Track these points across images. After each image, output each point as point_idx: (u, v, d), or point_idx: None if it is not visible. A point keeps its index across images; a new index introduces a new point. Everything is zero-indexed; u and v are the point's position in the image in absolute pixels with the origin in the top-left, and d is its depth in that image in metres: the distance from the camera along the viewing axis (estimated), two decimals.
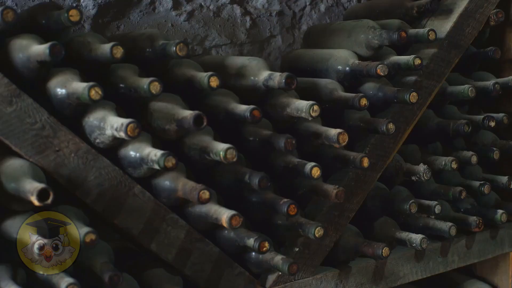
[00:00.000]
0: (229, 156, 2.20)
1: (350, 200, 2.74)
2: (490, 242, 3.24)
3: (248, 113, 2.30)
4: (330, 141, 2.48)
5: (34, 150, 2.16)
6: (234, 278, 2.52)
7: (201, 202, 2.18)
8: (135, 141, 2.22)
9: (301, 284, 2.67)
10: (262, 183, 2.31)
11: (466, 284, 3.45)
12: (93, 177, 2.23)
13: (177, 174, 2.30)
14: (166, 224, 2.36)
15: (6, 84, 2.10)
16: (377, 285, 2.88)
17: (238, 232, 2.41)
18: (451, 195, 3.00)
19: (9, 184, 2.11)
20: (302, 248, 2.65)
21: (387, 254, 2.69)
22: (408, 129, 2.89)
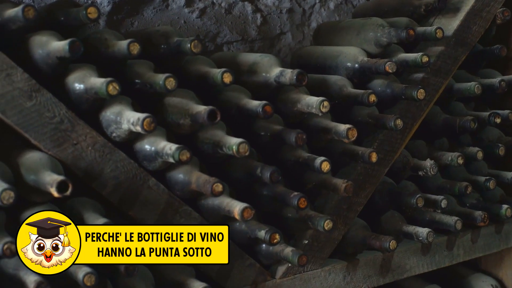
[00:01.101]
0: (242, 150, 2.25)
1: (359, 194, 2.79)
2: (495, 236, 3.28)
3: (260, 109, 2.35)
4: (339, 136, 2.53)
5: (52, 143, 2.22)
6: (245, 269, 2.58)
7: (214, 195, 2.24)
8: (150, 135, 2.28)
9: (310, 275, 2.72)
10: (273, 176, 2.37)
11: (471, 277, 3.50)
12: (109, 170, 2.29)
13: (191, 167, 2.36)
14: (180, 216, 2.42)
15: (26, 79, 2.17)
16: (384, 278, 2.94)
17: (249, 224, 2.47)
18: (457, 190, 3.05)
19: (28, 176, 2.17)
20: (311, 240, 2.71)
21: (394, 247, 2.74)
22: (415, 125, 2.93)
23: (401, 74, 2.91)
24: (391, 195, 2.95)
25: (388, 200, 2.95)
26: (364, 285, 2.88)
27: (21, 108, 2.17)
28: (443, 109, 3.19)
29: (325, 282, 2.76)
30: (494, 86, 3.13)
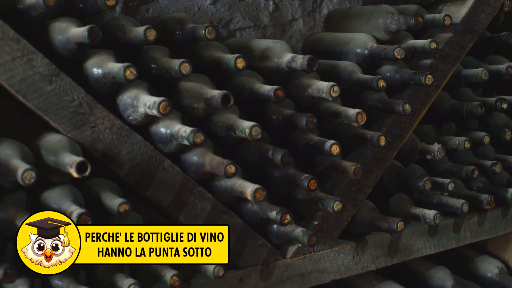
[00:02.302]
0: (254, 133, 2.31)
1: (367, 176, 2.85)
2: (502, 219, 3.34)
3: (272, 93, 2.41)
4: (349, 120, 2.58)
5: (71, 126, 2.29)
6: (256, 249, 2.64)
7: (227, 176, 2.31)
8: (166, 119, 2.35)
9: (319, 255, 2.79)
10: (285, 159, 2.43)
11: (478, 259, 3.55)
12: (126, 152, 2.36)
13: (205, 149, 2.42)
14: (194, 197, 2.49)
15: (46, 64, 2.24)
16: (392, 258, 3.00)
17: (261, 205, 2.54)
18: (464, 174, 3.11)
19: (48, 158, 2.25)
20: (321, 221, 2.77)
21: (402, 228, 2.80)
22: (423, 110, 2.98)
23: (410, 60, 2.96)
24: (399, 178, 3.01)
25: (396, 183, 3.01)
26: (372, 266, 2.94)
27: (42, 92, 2.24)
28: (451, 94, 3.24)
29: (334, 262, 2.83)
30: (501, 72, 3.18)
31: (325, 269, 2.81)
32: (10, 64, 2.20)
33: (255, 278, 2.65)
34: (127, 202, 2.21)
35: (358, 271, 2.92)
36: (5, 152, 2.21)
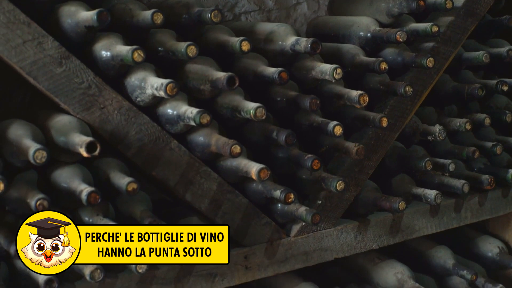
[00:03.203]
0: (259, 114, 2.37)
1: (370, 157, 2.89)
2: (502, 200, 3.38)
3: (276, 75, 2.46)
4: (351, 102, 2.63)
5: (81, 107, 2.34)
6: (261, 227, 2.70)
7: (232, 156, 2.36)
8: (172, 100, 2.41)
9: (323, 234, 2.84)
10: (289, 139, 2.48)
11: (479, 239, 3.60)
12: (134, 133, 2.42)
13: (211, 130, 2.48)
14: (200, 176, 2.54)
15: (56, 47, 2.29)
16: (393, 237, 3.05)
17: (265, 185, 2.59)
18: (465, 155, 3.15)
19: (58, 138, 2.30)
20: (324, 201, 2.82)
21: (403, 208, 2.85)
22: (425, 92, 3.02)
23: (412, 43, 3.00)
24: (401, 159, 3.06)
25: (398, 163, 3.06)
26: (375, 244, 3.00)
27: (52, 74, 2.29)
28: (453, 77, 3.29)
29: (337, 241, 2.88)
30: (502, 55, 3.22)
31: (328, 247, 2.86)
32: (21, 47, 2.25)
33: (259, 255, 2.71)
34: (135, 181, 2.26)
35: (360, 249, 2.97)
36: (16, 132, 2.27)
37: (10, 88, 2.80)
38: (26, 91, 2.78)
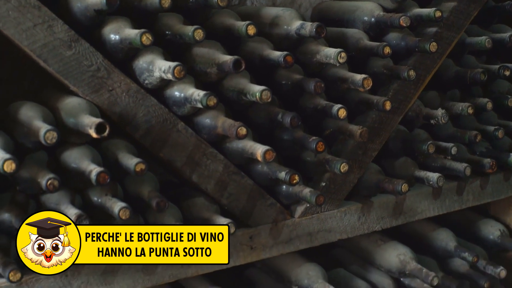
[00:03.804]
0: (264, 97, 2.41)
1: (373, 140, 2.93)
2: (504, 183, 3.42)
3: (281, 59, 2.49)
4: (355, 85, 2.66)
5: (90, 90, 2.39)
6: (266, 208, 2.74)
7: (238, 138, 2.41)
8: (180, 83, 2.45)
9: (326, 215, 2.89)
10: (294, 121, 2.52)
11: (480, 222, 3.64)
12: (142, 114, 2.46)
13: (217, 112, 2.52)
14: (206, 158, 2.58)
15: (66, 30, 2.33)
16: (396, 219, 3.09)
17: (270, 166, 2.63)
18: (467, 139, 3.19)
19: (68, 119, 2.35)
20: (328, 183, 2.86)
21: (406, 190, 2.89)
22: (428, 76, 3.05)
23: (415, 28, 3.03)
24: (404, 142, 3.10)
25: (401, 146, 3.10)
26: (378, 226, 3.04)
27: (62, 57, 2.34)
28: (456, 62, 3.32)
29: (340, 222, 2.93)
30: (504, 40, 3.25)
31: (332, 228, 2.91)
32: (32, 31, 2.30)
33: (264, 236, 2.75)
34: (143, 162, 2.30)
35: (363, 231, 3.02)
36: (27, 114, 2.32)
37: (20, 71, 2.84)
38: (35, 74, 2.82)
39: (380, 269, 3.30)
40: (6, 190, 2.37)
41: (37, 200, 2.39)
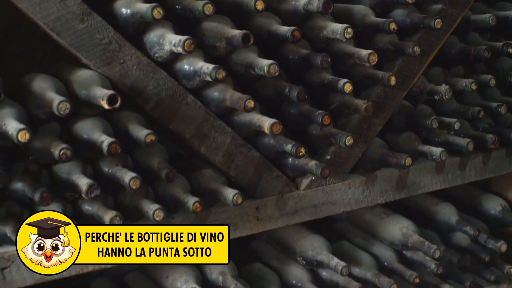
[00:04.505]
0: (272, 70, 2.45)
1: (378, 115, 2.98)
2: (505, 159, 3.47)
3: (289, 33, 2.53)
4: (361, 61, 2.70)
5: (101, 62, 2.44)
6: (272, 181, 2.80)
7: (246, 111, 2.46)
8: (189, 56, 2.49)
9: (331, 188, 2.94)
10: (300, 95, 2.57)
11: (482, 198, 3.71)
12: (152, 87, 2.51)
13: (225, 86, 2.57)
14: (214, 130, 2.64)
15: (78, 4, 2.38)
16: (399, 193, 3.15)
17: (277, 139, 2.69)
18: (470, 114, 3.23)
19: (80, 91, 2.40)
20: (333, 156, 2.91)
21: (410, 164, 2.95)
22: (432, 52, 3.08)
23: (421, 5, 3.06)
24: (408, 117, 3.14)
25: (406, 121, 3.14)
26: (381, 199, 3.10)
27: (74, 30, 2.39)
28: (460, 39, 3.34)
29: (345, 195, 2.99)
30: (508, 18, 3.29)
31: (337, 201, 2.97)
32: (45, 4, 2.34)
33: (270, 207, 2.81)
34: (153, 133, 2.36)
35: (367, 204, 3.07)
36: (40, 85, 2.37)
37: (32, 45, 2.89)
38: (46, 48, 2.87)
39: (383, 242, 3.36)
40: (19, 161, 2.42)
41: (50, 170, 2.45)
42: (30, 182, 2.35)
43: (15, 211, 2.39)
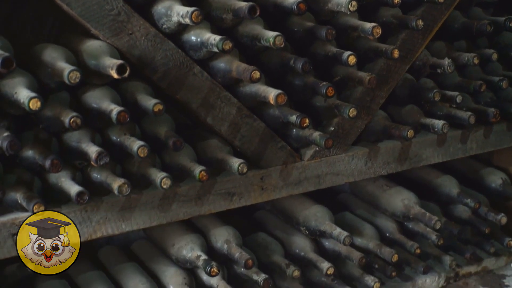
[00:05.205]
0: (278, 42, 2.49)
1: (381, 87, 3.02)
2: (506, 133, 3.51)
3: (295, 6, 2.55)
4: (365, 33, 2.74)
5: (110, 33, 2.48)
6: (277, 151, 2.85)
7: (252, 81, 2.50)
8: (196, 28, 2.54)
9: (335, 159, 2.99)
10: (305, 66, 2.61)
11: (483, 171, 3.76)
12: (160, 58, 2.56)
13: (232, 57, 2.61)
14: (220, 100, 2.69)
15: None
16: (402, 165, 3.20)
17: (282, 110, 2.73)
18: (472, 88, 3.27)
19: (89, 61, 2.45)
20: (337, 128, 2.96)
21: (412, 136, 2.99)
22: (435, 27, 3.11)
23: None
24: (411, 90, 3.18)
25: (408, 94, 3.19)
26: (384, 171, 3.15)
27: (84, 1, 2.43)
28: (463, 13, 3.38)
29: (348, 166, 3.04)
30: None
31: (340, 172, 3.02)
32: None
33: (275, 177, 2.87)
34: (161, 103, 2.41)
35: (370, 175, 3.12)
36: (51, 55, 2.42)
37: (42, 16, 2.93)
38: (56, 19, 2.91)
39: (385, 213, 3.42)
40: (29, 129, 2.47)
41: (59, 138, 2.50)
42: (41, 150, 2.40)
43: (26, 178, 2.45)
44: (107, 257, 3.11)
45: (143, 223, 2.64)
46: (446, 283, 3.47)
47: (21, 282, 2.74)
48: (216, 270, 2.74)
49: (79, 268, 2.92)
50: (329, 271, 3.00)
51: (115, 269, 2.98)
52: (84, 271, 2.93)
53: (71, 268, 2.86)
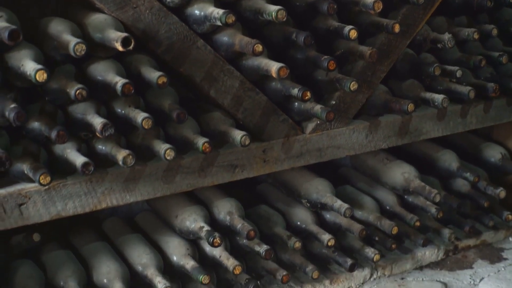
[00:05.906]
0: (280, 16, 2.51)
1: (382, 62, 3.04)
2: (506, 108, 3.54)
3: None
4: (366, 8, 2.76)
5: (115, 6, 2.51)
6: (279, 124, 2.89)
7: (255, 55, 2.53)
8: (200, 2, 2.58)
9: (336, 132, 3.02)
10: (307, 40, 2.64)
11: (483, 146, 3.79)
12: (164, 31, 2.59)
13: (235, 31, 2.65)
14: (223, 74, 2.72)
15: None
16: (402, 139, 3.23)
17: (284, 83, 2.77)
18: (472, 63, 3.30)
19: (94, 34, 2.48)
20: (338, 101, 2.99)
21: (412, 109, 3.02)
22: (436, 2, 3.14)
23: None
24: (412, 65, 3.21)
25: (409, 69, 3.21)
26: (384, 144, 3.18)
27: None
28: None
29: (349, 139, 3.07)
30: None
31: (341, 145, 3.05)
32: None
33: (277, 150, 2.90)
34: (165, 75, 2.44)
35: (370, 148, 3.16)
36: (56, 28, 2.45)
37: None
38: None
39: (385, 187, 3.46)
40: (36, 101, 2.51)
41: (65, 110, 2.53)
42: (47, 121, 2.44)
43: (32, 149, 2.48)
44: (112, 228, 3.15)
45: (147, 194, 2.68)
46: (445, 255, 3.51)
47: (27, 252, 2.78)
48: (219, 241, 2.78)
49: (84, 239, 2.97)
50: (329, 243, 3.04)
51: (119, 240, 3.02)
52: (88, 242, 2.97)
53: (76, 239, 2.95)
